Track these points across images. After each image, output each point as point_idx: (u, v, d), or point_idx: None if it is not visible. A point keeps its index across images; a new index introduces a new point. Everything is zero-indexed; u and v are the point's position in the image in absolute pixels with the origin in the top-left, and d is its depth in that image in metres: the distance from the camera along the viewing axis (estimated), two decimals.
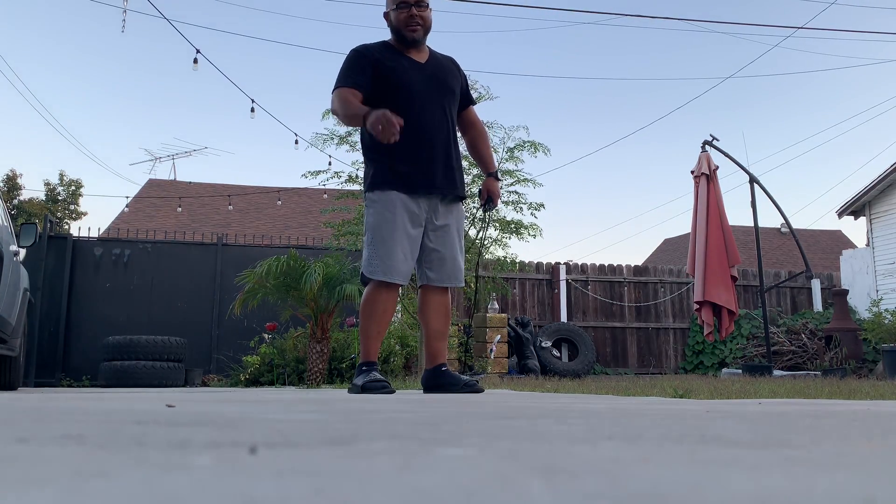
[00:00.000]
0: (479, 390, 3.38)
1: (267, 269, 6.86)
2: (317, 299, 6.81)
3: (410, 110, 3.20)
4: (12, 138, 39.53)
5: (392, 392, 3.21)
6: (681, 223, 46.47)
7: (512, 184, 7.31)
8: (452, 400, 2.57)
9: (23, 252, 5.53)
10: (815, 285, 11.76)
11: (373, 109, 3.04)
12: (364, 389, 3.19)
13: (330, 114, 6.80)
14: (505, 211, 7.46)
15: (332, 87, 3.35)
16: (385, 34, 3.47)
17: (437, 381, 3.43)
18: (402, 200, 3.25)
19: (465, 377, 3.46)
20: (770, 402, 2.50)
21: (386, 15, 3.37)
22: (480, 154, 3.66)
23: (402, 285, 3.35)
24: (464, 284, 3.56)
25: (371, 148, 3.33)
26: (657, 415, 1.65)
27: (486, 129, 3.72)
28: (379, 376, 3.29)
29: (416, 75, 3.32)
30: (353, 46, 3.40)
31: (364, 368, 3.32)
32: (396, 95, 3.25)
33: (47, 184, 26.37)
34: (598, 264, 11.21)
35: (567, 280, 10.80)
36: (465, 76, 3.57)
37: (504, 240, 7.55)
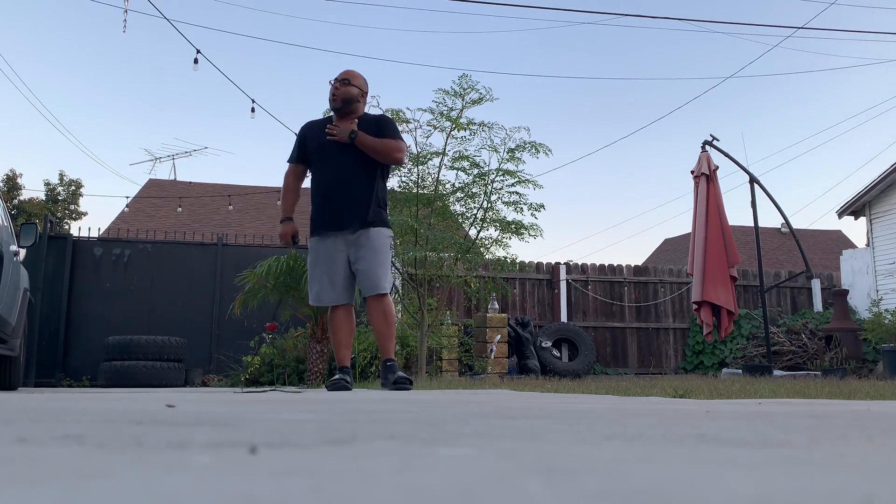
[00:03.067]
0: (407, 389, 4.00)
1: (267, 269, 6.86)
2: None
3: (322, 173, 4.22)
4: (12, 138, 39.52)
5: (349, 390, 4.01)
6: (681, 223, 46.48)
7: (513, 184, 7.31)
8: (453, 400, 2.57)
9: (23, 252, 5.52)
10: (815, 285, 11.75)
11: (288, 220, 4.29)
12: (328, 388, 4.13)
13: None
14: (505, 211, 7.46)
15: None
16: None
17: (385, 375, 4.16)
18: (324, 242, 4.18)
19: (401, 374, 4.09)
20: (770, 402, 2.50)
21: None
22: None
23: (332, 304, 4.21)
24: (384, 292, 4.14)
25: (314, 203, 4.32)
26: (657, 415, 1.65)
27: (394, 143, 4.23)
28: (338, 377, 4.10)
29: (333, 144, 4.18)
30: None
31: (336, 371, 4.25)
32: (318, 160, 4.26)
33: (47, 184, 26.37)
34: (598, 264, 11.21)
35: (567, 280, 10.79)
36: (383, 122, 4.35)
37: (504, 240, 7.54)
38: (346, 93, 4.23)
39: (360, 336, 7.20)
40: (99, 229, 10.70)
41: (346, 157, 4.17)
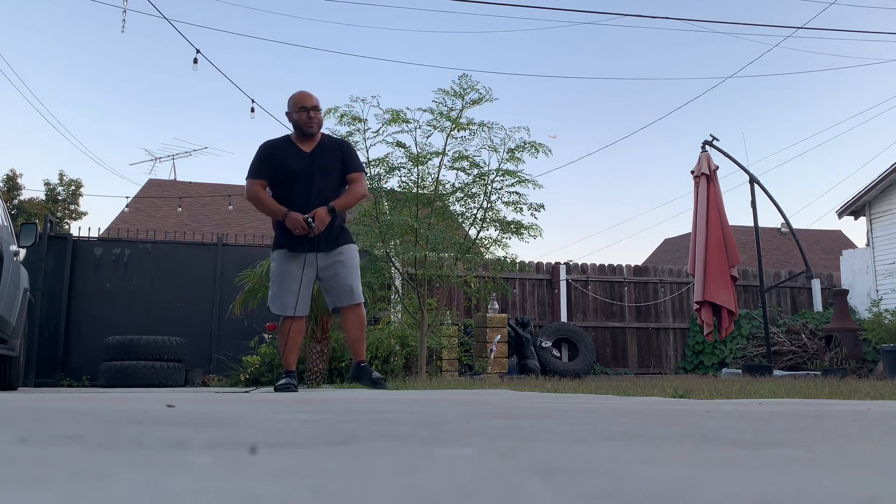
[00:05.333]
0: (382, 388, 4.46)
1: (267, 269, 6.85)
2: (317, 299, 6.80)
3: (291, 193, 4.39)
4: (12, 138, 39.53)
5: (295, 391, 4.25)
6: (681, 223, 46.48)
7: (513, 184, 7.31)
8: (453, 400, 2.57)
9: (23, 252, 5.52)
10: (815, 285, 11.75)
11: (289, 211, 4.29)
12: (276, 390, 4.38)
13: (331, 114, 6.84)
14: (505, 211, 7.45)
15: (246, 175, 4.55)
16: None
17: (356, 374, 4.62)
18: (290, 256, 4.43)
19: (375, 374, 4.62)
20: (770, 402, 2.50)
21: (289, 114, 4.56)
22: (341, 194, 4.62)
23: (292, 315, 4.44)
24: (360, 301, 4.52)
25: (273, 222, 4.54)
26: (657, 415, 1.65)
27: (360, 188, 4.60)
28: (287, 381, 4.40)
29: (301, 164, 4.44)
30: (262, 142, 4.61)
31: (282, 375, 4.54)
32: (285, 183, 4.43)
33: (47, 184, 26.37)
34: (598, 264, 11.21)
35: (567, 280, 10.79)
36: (347, 151, 4.66)
37: (504, 240, 7.53)
38: (321, 119, 4.58)
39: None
40: (99, 229, 10.70)
41: (322, 182, 4.45)
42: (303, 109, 4.52)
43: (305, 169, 4.47)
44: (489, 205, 7.38)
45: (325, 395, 3.52)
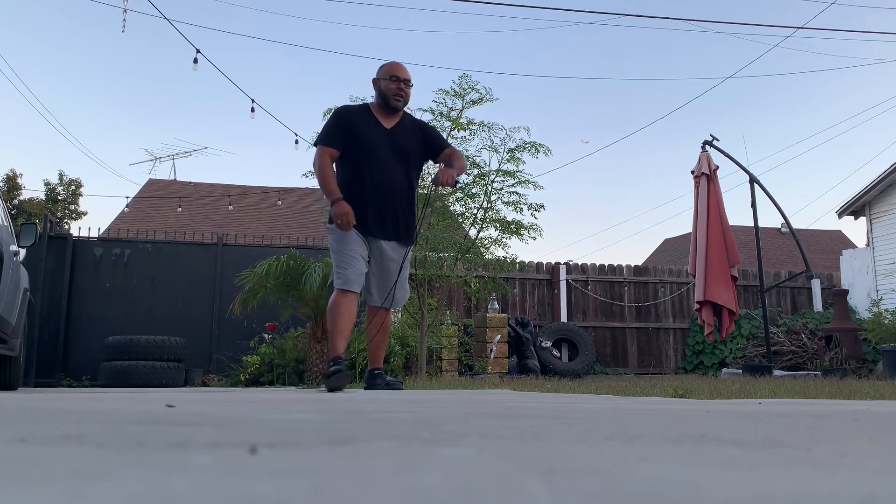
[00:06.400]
0: (398, 388, 4.13)
1: (267, 269, 6.85)
2: (317, 299, 6.81)
3: (370, 170, 4.00)
4: (12, 138, 39.52)
5: (345, 374, 3.85)
6: (681, 223, 46.46)
7: (513, 185, 7.31)
8: (453, 400, 2.57)
9: (23, 252, 5.52)
10: (815, 285, 11.75)
11: (341, 199, 3.88)
12: (326, 377, 3.95)
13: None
14: (505, 211, 7.46)
15: (315, 141, 4.14)
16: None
17: (371, 382, 4.14)
18: (355, 232, 3.99)
19: (389, 378, 4.24)
20: (770, 402, 2.50)
21: (376, 81, 4.15)
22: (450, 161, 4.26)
23: (357, 293, 4.06)
24: (400, 307, 4.28)
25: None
26: (657, 415, 1.65)
27: (462, 158, 4.26)
28: (339, 367, 3.91)
29: (381, 140, 4.05)
30: (339, 106, 4.24)
31: (331, 363, 4.07)
32: (362, 156, 4.02)
33: (47, 184, 26.35)
34: (598, 264, 11.21)
35: (567, 280, 10.79)
36: (428, 132, 4.32)
37: (504, 240, 7.53)
38: (409, 95, 4.16)
39: (360, 336, 7.19)
40: (99, 229, 10.70)
41: (399, 165, 4.08)
42: (394, 79, 4.09)
43: (382, 147, 4.05)
44: (489, 205, 7.38)
45: (325, 395, 3.52)
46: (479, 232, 7.52)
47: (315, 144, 4.11)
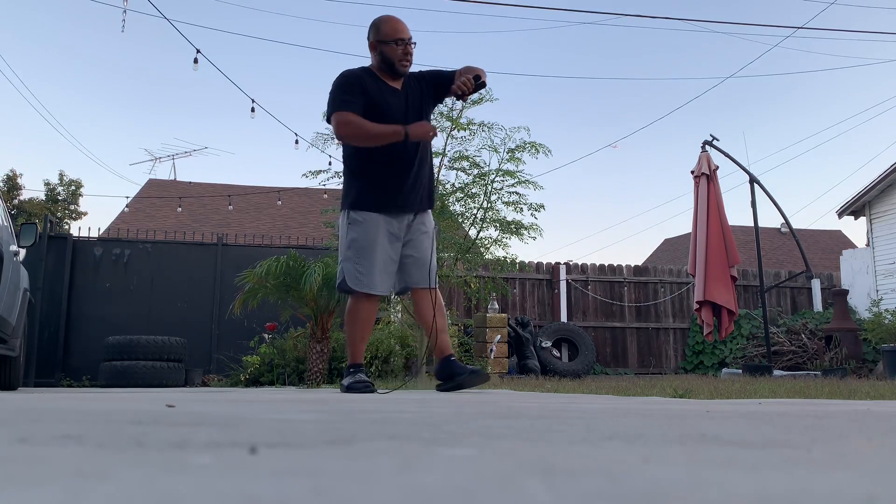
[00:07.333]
0: (485, 376, 3.74)
1: (267, 269, 6.85)
2: (317, 299, 6.81)
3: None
4: (12, 138, 39.52)
5: (373, 391, 3.54)
6: (681, 223, 46.47)
7: (513, 185, 7.30)
8: (452, 400, 2.57)
9: (23, 252, 5.52)
10: (815, 285, 11.75)
11: (407, 126, 3.48)
12: (349, 389, 3.60)
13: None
14: (505, 211, 7.45)
15: (329, 112, 3.63)
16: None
17: (449, 371, 3.66)
18: (383, 220, 3.64)
19: (470, 366, 3.77)
20: (770, 402, 2.50)
21: (373, 44, 3.71)
22: None
23: (382, 296, 3.78)
24: (436, 286, 3.82)
25: (356, 169, 3.72)
26: (657, 415, 1.65)
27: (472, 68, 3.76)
28: (364, 377, 3.69)
29: (396, 102, 3.67)
30: (341, 72, 3.72)
31: (351, 370, 3.74)
32: (380, 121, 3.57)
33: (47, 184, 26.36)
34: (598, 264, 11.21)
35: (567, 280, 10.79)
36: (429, 77, 3.84)
37: (504, 240, 7.53)
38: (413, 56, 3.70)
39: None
40: (99, 229, 10.70)
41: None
42: (399, 42, 3.66)
43: (400, 110, 3.66)
44: (489, 205, 7.38)
45: (325, 395, 3.52)
46: (479, 232, 7.52)
47: (330, 115, 3.61)
